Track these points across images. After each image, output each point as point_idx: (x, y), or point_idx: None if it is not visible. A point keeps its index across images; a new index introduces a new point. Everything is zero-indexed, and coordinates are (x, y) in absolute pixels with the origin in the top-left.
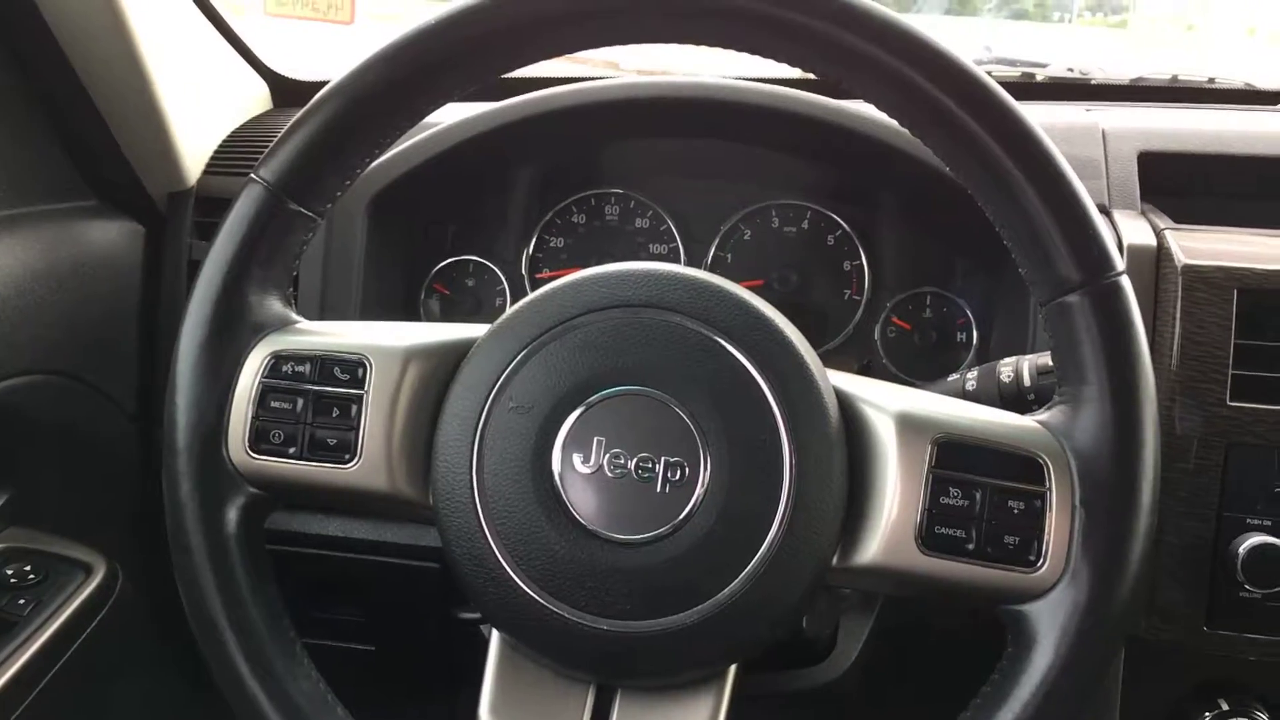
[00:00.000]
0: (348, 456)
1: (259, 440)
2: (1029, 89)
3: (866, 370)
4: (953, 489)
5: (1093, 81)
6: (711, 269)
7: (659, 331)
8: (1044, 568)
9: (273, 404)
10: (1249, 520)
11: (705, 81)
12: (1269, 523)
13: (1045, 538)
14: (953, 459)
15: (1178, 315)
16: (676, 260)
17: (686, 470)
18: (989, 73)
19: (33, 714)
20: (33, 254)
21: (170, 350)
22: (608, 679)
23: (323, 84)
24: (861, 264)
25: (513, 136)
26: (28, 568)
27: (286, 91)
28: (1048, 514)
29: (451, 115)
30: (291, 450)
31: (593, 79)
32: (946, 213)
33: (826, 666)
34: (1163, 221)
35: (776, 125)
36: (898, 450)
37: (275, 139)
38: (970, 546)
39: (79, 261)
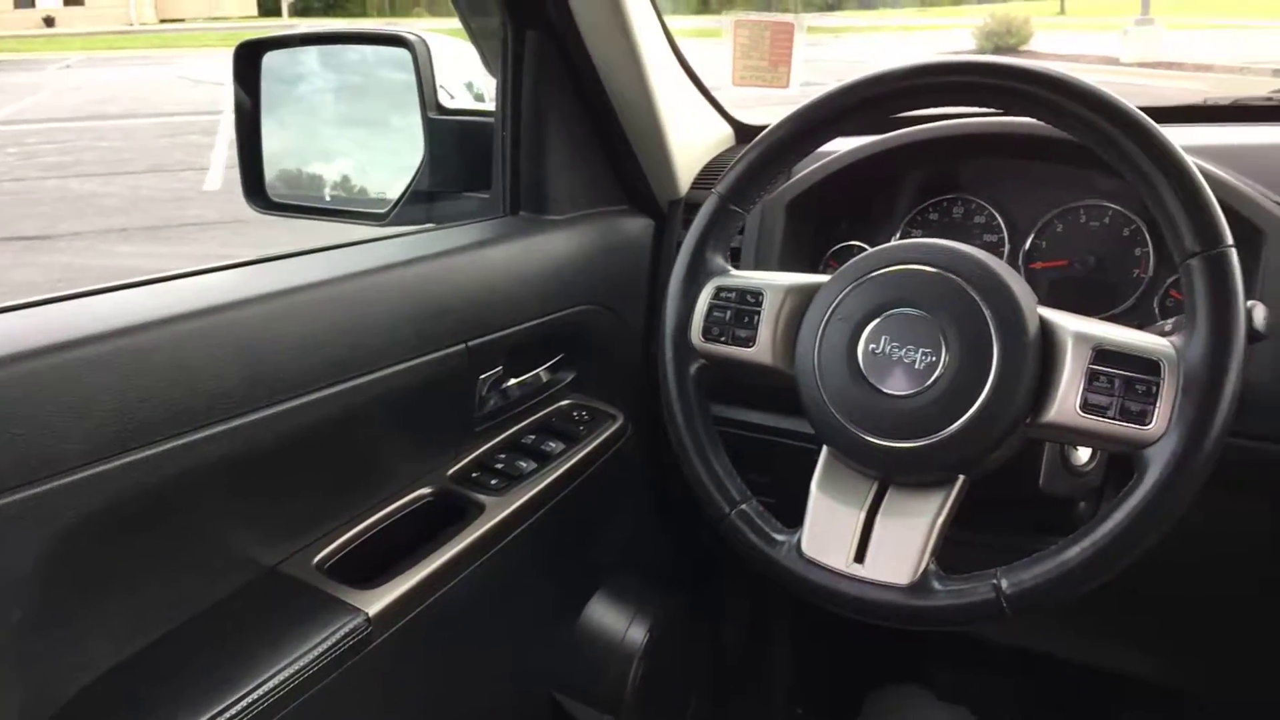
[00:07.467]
0: (750, 343)
1: (706, 333)
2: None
3: (1139, 328)
4: (1103, 377)
5: None
6: (1029, 253)
7: (925, 277)
8: (1153, 426)
9: (714, 314)
10: None
11: (1026, 120)
12: None
13: (1157, 408)
14: (1104, 359)
15: None
16: (1003, 247)
17: (933, 357)
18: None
19: (573, 498)
20: (594, 237)
21: (664, 295)
22: (884, 475)
23: (763, 128)
24: (1149, 251)
25: (887, 159)
26: (584, 414)
27: (743, 132)
28: (1160, 395)
29: (842, 145)
30: (723, 339)
31: (943, 119)
32: None
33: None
34: None
35: (1080, 150)
36: (1071, 353)
37: (726, 168)
38: (1110, 412)
39: (618, 242)
